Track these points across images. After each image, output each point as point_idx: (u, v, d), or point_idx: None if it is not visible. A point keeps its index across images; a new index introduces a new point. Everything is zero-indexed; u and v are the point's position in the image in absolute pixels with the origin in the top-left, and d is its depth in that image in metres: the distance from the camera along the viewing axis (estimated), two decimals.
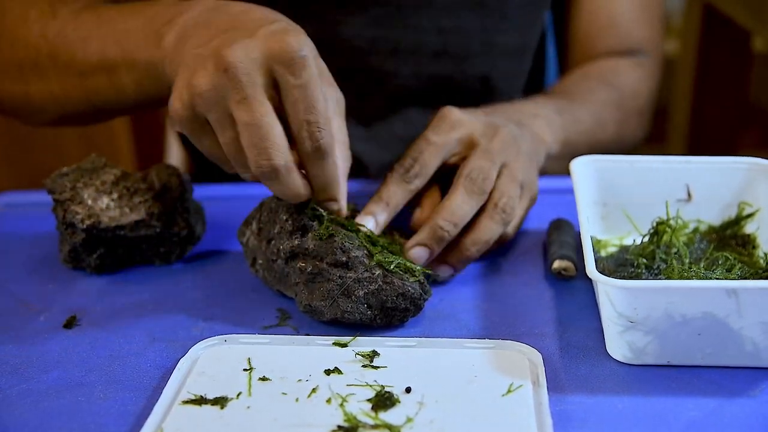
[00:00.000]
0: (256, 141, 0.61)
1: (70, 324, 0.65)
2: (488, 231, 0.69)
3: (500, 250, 0.74)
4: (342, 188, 0.67)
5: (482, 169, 0.69)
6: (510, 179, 0.71)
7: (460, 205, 0.68)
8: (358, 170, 0.97)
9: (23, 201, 0.86)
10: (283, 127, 0.62)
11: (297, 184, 0.63)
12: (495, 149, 0.71)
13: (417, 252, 0.68)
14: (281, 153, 0.62)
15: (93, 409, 0.56)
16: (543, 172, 0.85)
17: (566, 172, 0.75)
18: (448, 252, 0.69)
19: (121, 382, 0.58)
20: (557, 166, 0.85)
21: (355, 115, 0.99)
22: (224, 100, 0.61)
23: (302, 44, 0.62)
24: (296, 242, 0.64)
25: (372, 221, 0.69)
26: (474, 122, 0.73)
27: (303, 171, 0.64)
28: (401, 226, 0.75)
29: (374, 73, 0.96)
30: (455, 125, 0.72)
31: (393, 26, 0.94)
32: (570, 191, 0.71)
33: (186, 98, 0.63)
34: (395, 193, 0.70)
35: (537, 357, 0.59)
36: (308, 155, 0.63)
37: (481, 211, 0.69)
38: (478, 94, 0.97)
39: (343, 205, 0.67)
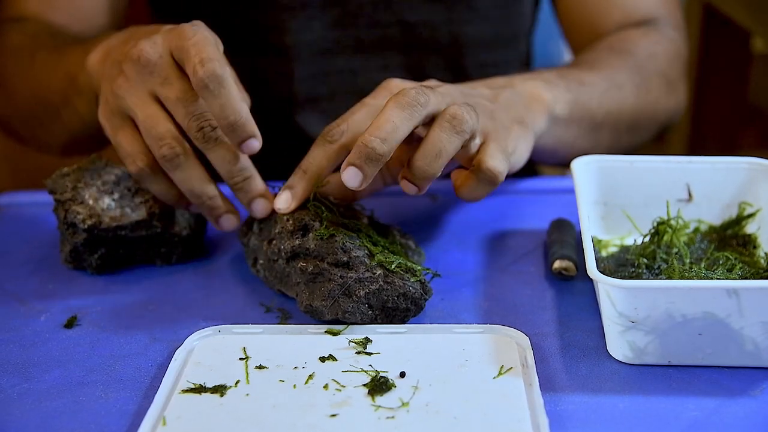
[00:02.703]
0: (191, 109, 0.64)
1: (70, 324, 0.65)
2: (437, 140, 0.62)
3: (501, 250, 0.74)
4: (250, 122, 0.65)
5: (416, 87, 0.63)
6: (465, 105, 0.64)
7: (388, 118, 0.61)
8: None
9: (23, 201, 0.86)
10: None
11: (230, 150, 0.65)
12: (439, 90, 0.66)
13: (347, 173, 0.61)
14: (213, 121, 0.64)
15: (94, 409, 0.56)
16: (561, 145, 0.80)
17: (584, 142, 0.72)
18: (406, 169, 0.64)
19: (121, 381, 0.58)
20: (574, 131, 0.80)
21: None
22: (145, 85, 0.65)
23: (195, 23, 0.67)
24: (297, 242, 0.64)
25: (286, 196, 0.66)
26: (417, 84, 0.68)
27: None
28: (401, 225, 0.75)
29: (342, 73, 0.96)
30: (394, 91, 0.67)
31: (355, 24, 0.94)
32: (570, 191, 0.71)
33: (109, 96, 0.68)
34: (315, 158, 0.66)
35: (524, 340, 0.60)
36: (205, 85, 0.62)
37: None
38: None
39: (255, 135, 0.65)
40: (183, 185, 0.67)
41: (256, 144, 0.65)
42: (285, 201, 0.66)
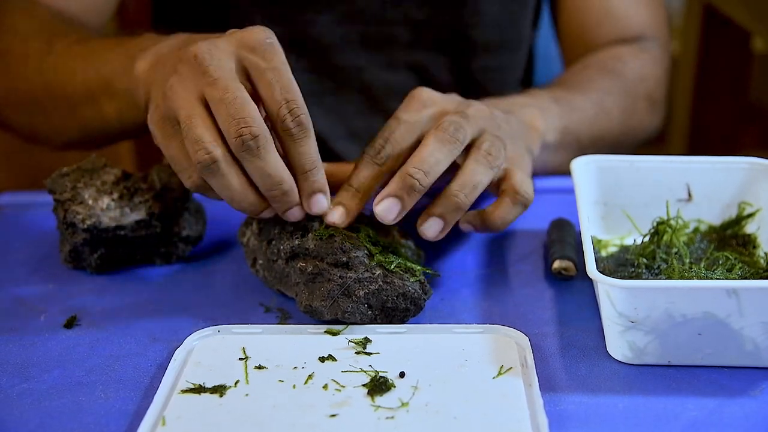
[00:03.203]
0: (233, 112, 0.60)
1: (70, 324, 0.65)
2: (474, 173, 0.64)
3: (500, 250, 0.74)
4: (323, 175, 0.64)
5: (454, 121, 0.65)
6: (491, 135, 0.67)
7: (430, 152, 0.63)
8: None
9: (23, 201, 0.86)
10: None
11: (278, 161, 0.61)
12: (470, 114, 0.67)
13: (385, 204, 0.63)
14: (260, 123, 0.60)
15: (93, 409, 0.56)
16: (545, 170, 0.84)
17: (570, 164, 0.74)
18: (435, 203, 0.65)
19: (121, 381, 0.58)
20: (560, 156, 0.83)
21: (334, 114, 0.99)
22: (195, 87, 0.61)
23: (269, 34, 0.64)
24: (296, 242, 0.64)
25: (340, 211, 0.65)
26: (447, 99, 0.70)
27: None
28: (401, 225, 0.75)
29: (347, 69, 0.96)
30: (427, 103, 0.69)
31: (362, 21, 0.95)
32: (570, 191, 0.71)
33: (159, 100, 0.64)
34: (365, 178, 0.66)
35: (524, 340, 0.60)
36: (290, 134, 0.62)
37: (464, 159, 0.66)
38: (456, 87, 0.96)
39: (327, 196, 0.64)
40: (221, 193, 0.62)
41: (324, 199, 0.64)
42: (340, 217, 0.65)
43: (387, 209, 0.63)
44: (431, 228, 0.65)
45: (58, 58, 0.81)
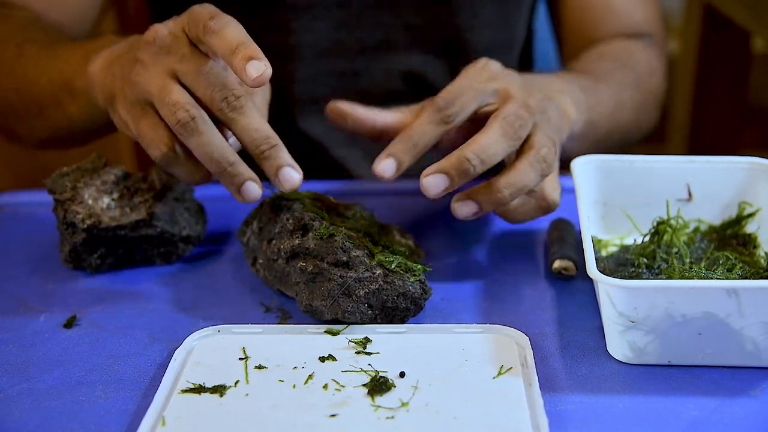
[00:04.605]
0: (214, 81, 0.62)
1: (70, 324, 0.65)
2: (525, 176, 0.64)
3: (501, 250, 0.74)
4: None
5: (520, 115, 0.65)
6: (547, 136, 0.67)
7: (491, 143, 0.63)
8: (340, 175, 0.97)
9: (23, 201, 0.86)
10: None
11: (262, 119, 0.64)
12: (532, 105, 0.67)
13: (435, 179, 0.63)
14: (238, 88, 0.63)
15: (93, 409, 0.56)
16: (564, 158, 0.83)
17: (578, 155, 0.73)
18: (478, 190, 0.65)
19: (121, 381, 0.58)
20: (576, 147, 0.82)
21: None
22: (162, 63, 0.64)
23: (203, 5, 0.65)
24: (297, 242, 0.64)
25: (392, 163, 0.64)
26: (512, 77, 0.70)
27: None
28: (401, 225, 0.75)
29: (344, 74, 0.96)
30: (494, 76, 0.69)
31: (358, 26, 0.94)
32: (571, 191, 0.71)
33: (125, 91, 0.66)
34: (426, 133, 0.65)
35: (524, 340, 0.60)
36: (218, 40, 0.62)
37: (518, 157, 0.65)
38: None
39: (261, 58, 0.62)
40: (201, 151, 0.63)
41: (264, 68, 0.62)
42: (391, 169, 0.64)
43: (435, 184, 0.63)
44: (464, 209, 0.65)
45: (27, 62, 0.83)
